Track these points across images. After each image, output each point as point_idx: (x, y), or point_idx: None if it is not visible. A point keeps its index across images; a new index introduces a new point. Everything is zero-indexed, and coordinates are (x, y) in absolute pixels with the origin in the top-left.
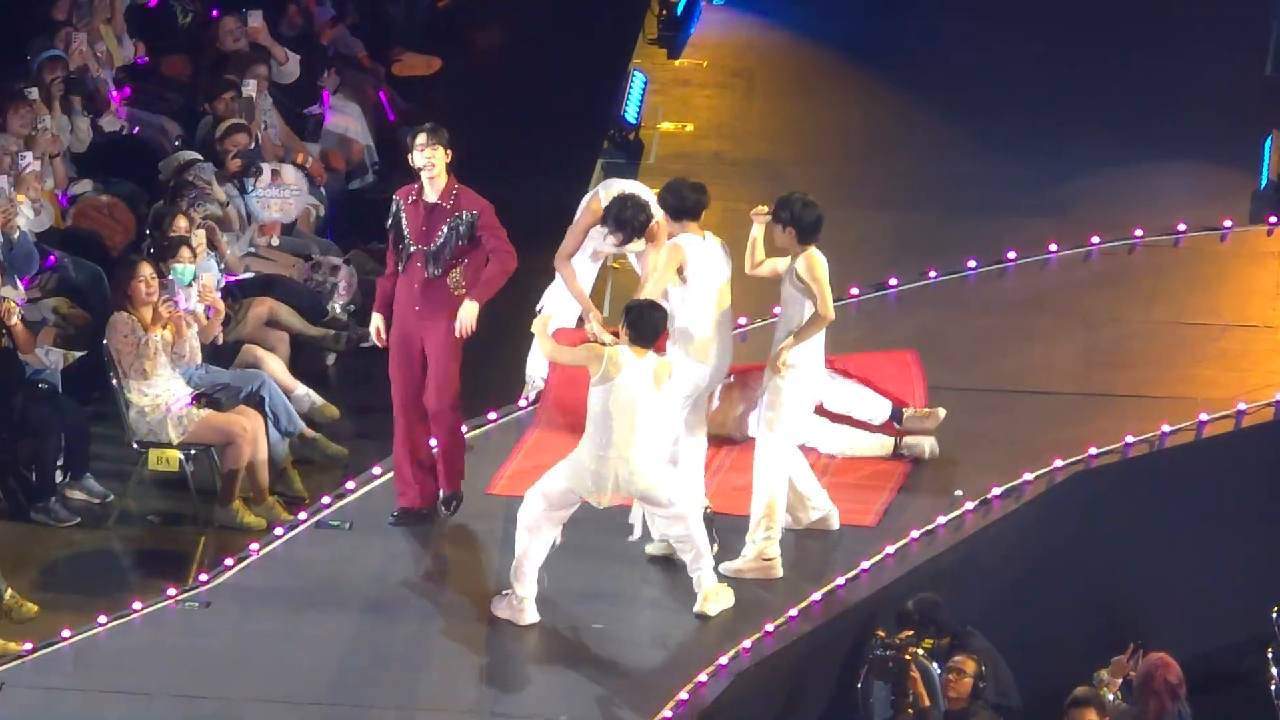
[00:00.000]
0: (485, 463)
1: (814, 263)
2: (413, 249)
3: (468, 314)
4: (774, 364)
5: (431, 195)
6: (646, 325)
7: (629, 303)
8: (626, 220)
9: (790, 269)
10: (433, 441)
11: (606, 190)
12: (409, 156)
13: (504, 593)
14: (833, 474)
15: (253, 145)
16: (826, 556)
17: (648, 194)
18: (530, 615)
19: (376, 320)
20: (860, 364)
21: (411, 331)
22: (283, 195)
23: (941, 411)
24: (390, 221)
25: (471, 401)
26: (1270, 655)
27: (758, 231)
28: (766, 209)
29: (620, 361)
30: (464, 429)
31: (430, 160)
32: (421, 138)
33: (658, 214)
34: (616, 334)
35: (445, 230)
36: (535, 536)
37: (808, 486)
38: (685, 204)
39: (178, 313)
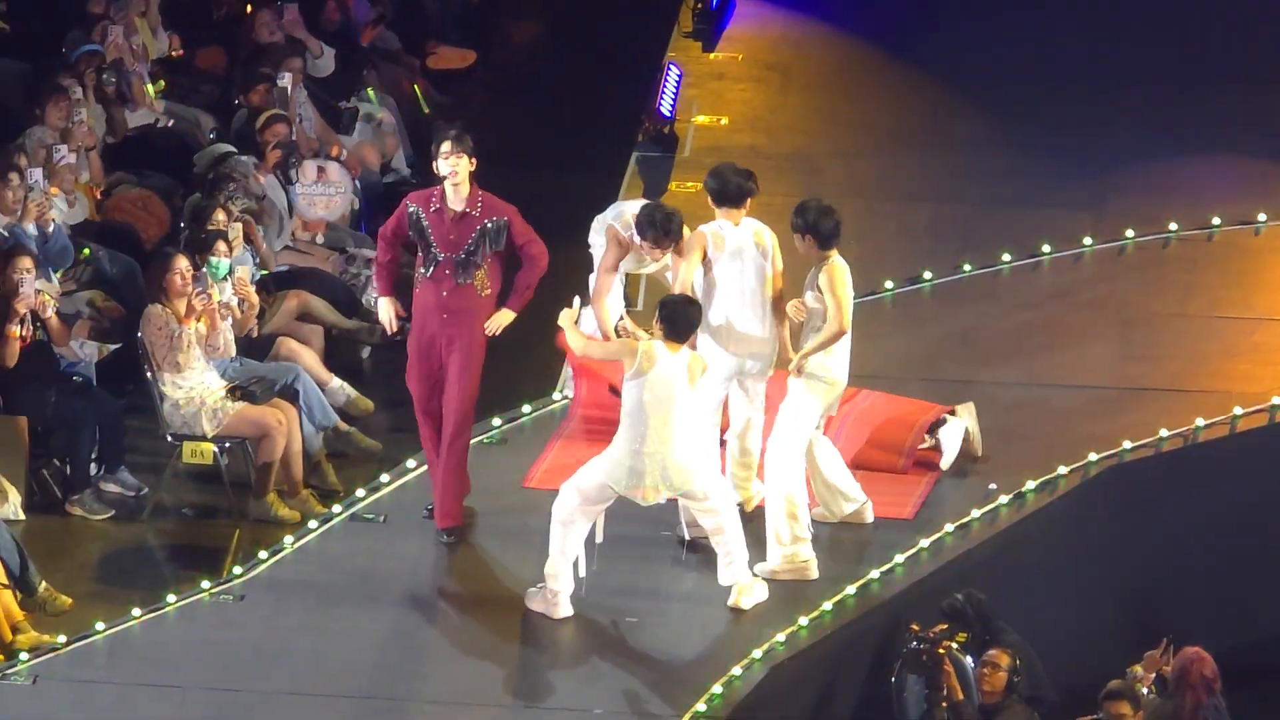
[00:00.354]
0: (521, 456)
1: (834, 273)
2: (441, 257)
3: (501, 321)
4: (793, 369)
5: (457, 203)
6: (680, 320)
7: (663, 298)
8: (661, 224)
9: (811, 276)
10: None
11: (618, 217)
12: (434, 164)
13: (538, 586)
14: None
15: (291, 137)
16: (861, 550)
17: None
18: (564, 609)
19: (390, 306)
20: (878, 409)
21: (435, 336)
22: (328, 193)
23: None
24: (408, 225)
25: (506, 395)
26: None
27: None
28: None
29: (654, 356)
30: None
31: (455, 168)
32: (446, 145)
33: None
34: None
35: (474, 238)
36: (570, 530)
37: (840, 479)
38: (727, 189)
39: (211, 305)
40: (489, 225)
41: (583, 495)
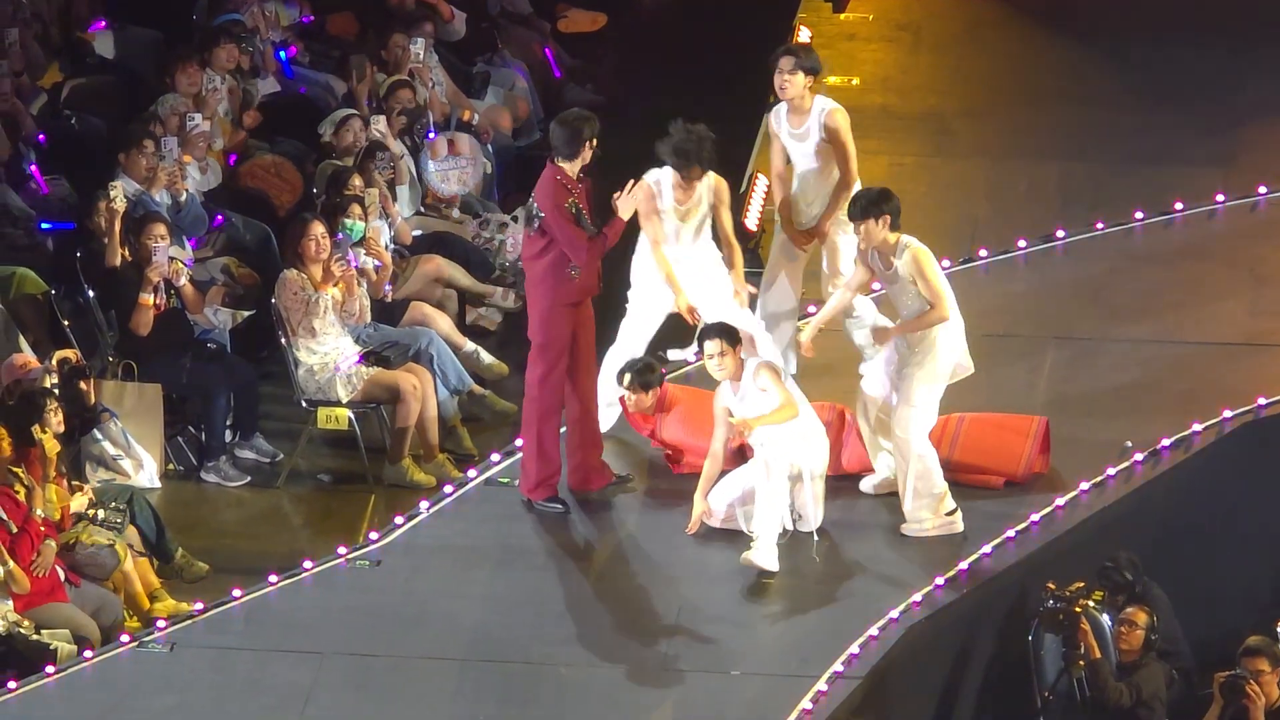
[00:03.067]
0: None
1: (923, 258)
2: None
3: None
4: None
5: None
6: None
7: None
8: (683, 148)
9: (882, 268)
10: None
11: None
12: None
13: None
14: (967, 430)
15: (415, 102)
16: (996, 509)
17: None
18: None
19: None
20: (973, 427)
21: (579, 308)
22: (461, 167)
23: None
24: (574, 218)
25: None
26: None
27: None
28: None
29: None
30: None
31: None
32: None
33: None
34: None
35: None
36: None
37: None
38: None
39: (350, 271)
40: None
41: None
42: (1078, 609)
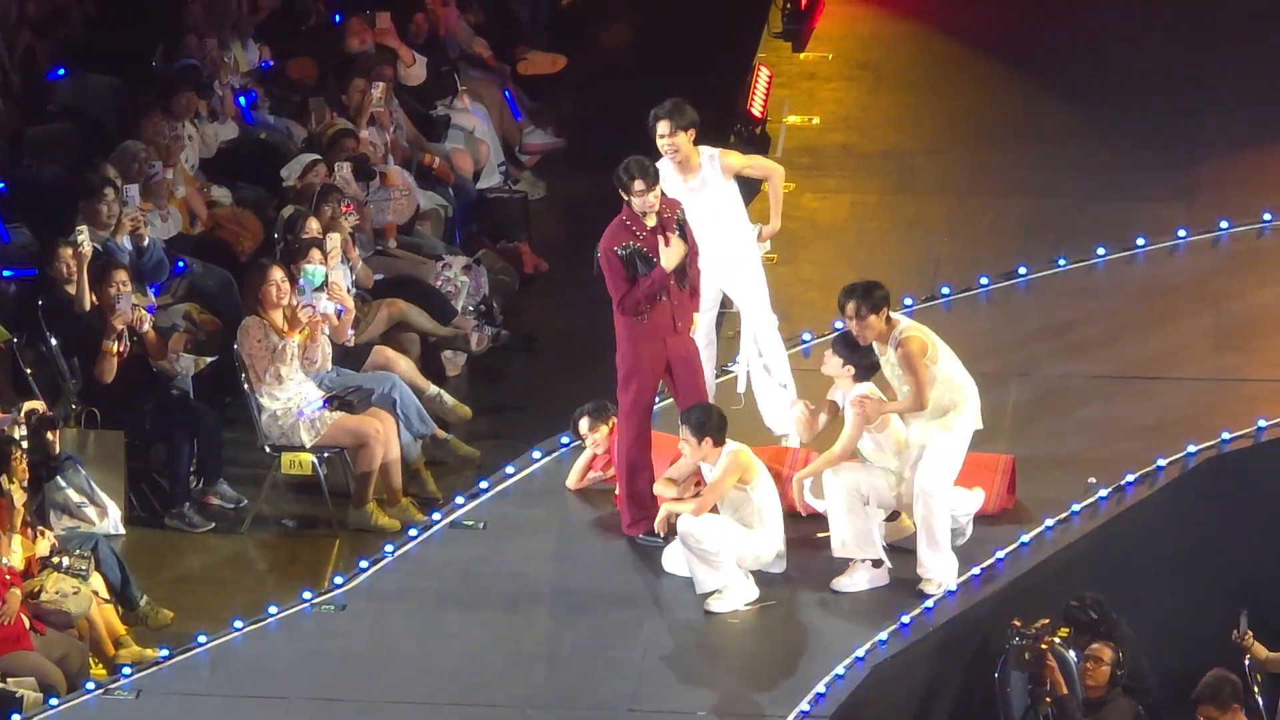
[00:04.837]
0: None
1: (913, 347)
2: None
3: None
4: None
5: (651, 220)
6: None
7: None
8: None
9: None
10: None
11: None
12: (629, 199)
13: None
14: None
15: (358, 150)
16: (962, 546)
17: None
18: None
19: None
20: None
21: (667, 345)
22: (394, 198)
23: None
24: (627, 266)
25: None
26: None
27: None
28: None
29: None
30: None
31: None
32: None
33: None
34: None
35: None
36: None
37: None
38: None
39: (315, 318)
40: (676, 218)
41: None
42: (1044, 646)
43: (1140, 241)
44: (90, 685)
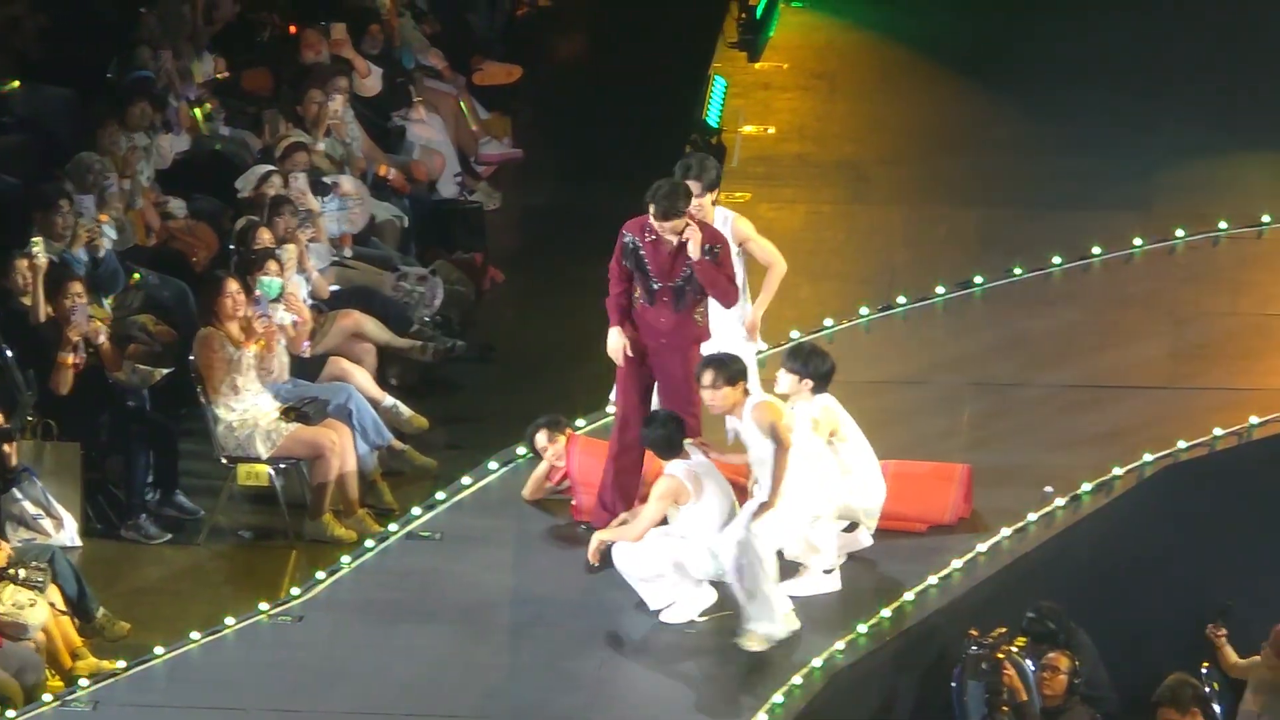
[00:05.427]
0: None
1: (824, 415)
2: (657, 285)
3: None
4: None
5: (670, 240)
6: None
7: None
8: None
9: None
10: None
11: None
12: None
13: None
14: (892, 478)
15: (311, 163)
16: (918, 556)
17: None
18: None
19: (620, 336)
20: (899, 474)
21: (649, 354)
22: (346, 206)
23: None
24: (624, 254)
25: (557, 407)
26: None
27: None
28: None
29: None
30: None
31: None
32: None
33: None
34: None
35: (688, 268)
36: None
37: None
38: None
39: (272, 328)
40: (709, 249)
41: None
42: (1000, 655)
43: (1096, 251)
44: (47, 697)
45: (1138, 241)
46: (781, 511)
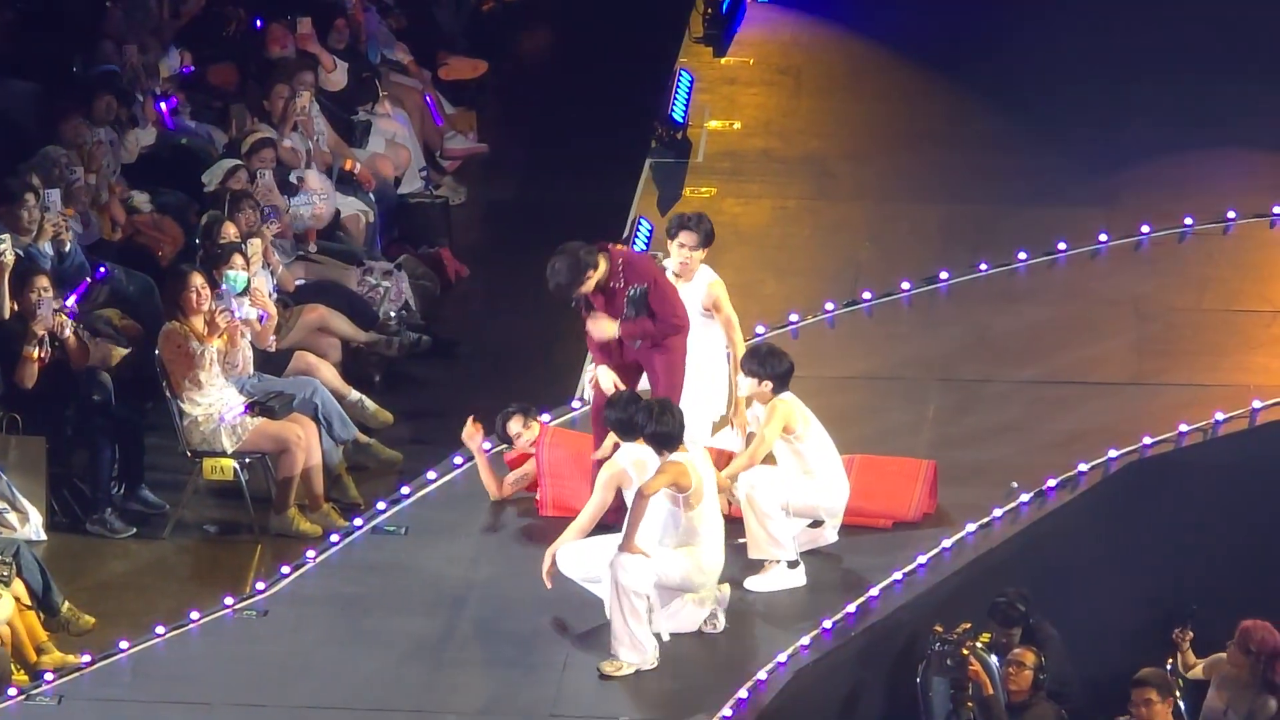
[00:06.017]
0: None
1: (775, 412)
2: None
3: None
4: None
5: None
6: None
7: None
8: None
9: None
10: None
11: None
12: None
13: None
14: (857, 473)
15: (278, 159)
16: (883, 551)
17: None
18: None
19: (610, 374)
20: (864, 470)
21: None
22: (311, 201)
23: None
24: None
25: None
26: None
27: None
28: None
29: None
30: None
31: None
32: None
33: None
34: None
35: (626, 306)
36: None
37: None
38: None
39: (234, 323)
40: (632, 292)
41: None
42: (965, 651)
43: (1061, 246)
44: (11, 691)
45: (1103, 237)
46: (639, 556)
